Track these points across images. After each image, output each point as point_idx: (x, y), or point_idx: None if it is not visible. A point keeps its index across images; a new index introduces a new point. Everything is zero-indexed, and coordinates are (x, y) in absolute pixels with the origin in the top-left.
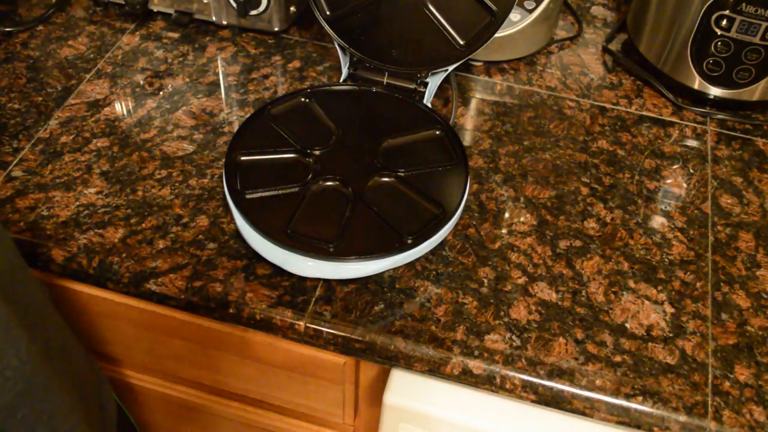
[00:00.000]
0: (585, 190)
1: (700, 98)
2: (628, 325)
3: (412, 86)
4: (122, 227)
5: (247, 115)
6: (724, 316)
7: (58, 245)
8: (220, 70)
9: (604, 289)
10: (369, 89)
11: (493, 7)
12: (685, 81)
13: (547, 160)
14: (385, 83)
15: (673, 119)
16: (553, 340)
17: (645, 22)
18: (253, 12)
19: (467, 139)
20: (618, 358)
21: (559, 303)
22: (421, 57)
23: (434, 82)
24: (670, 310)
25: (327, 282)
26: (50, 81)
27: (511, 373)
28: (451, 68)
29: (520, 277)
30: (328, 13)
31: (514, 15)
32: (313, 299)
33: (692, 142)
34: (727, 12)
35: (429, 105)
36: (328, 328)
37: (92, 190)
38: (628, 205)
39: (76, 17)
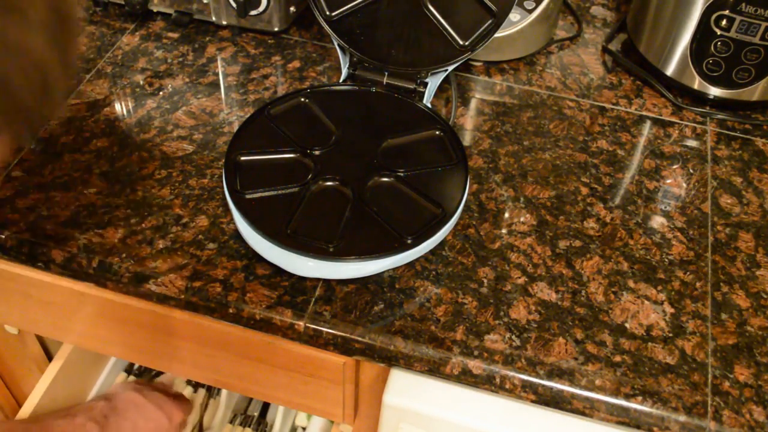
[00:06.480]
0: (585, 190)
1: (699, 98)
2: (627, 325)
3: (412, 86)
4: (122, 227)
5: (247, 115)
6: (723, 316)
7: (58, 245)
8: (219, 70)
9: (604, 289)
10: (369, 89)
11: (493, 8)
12: (684, 81)
13: (547, 160)
14: (384, 83)
15: (673, 119)
16: (553, 340)
17: (645, 22)
18: (253, 12)
19: (467, 139)
20: (618, 358)
21: (559, 303)
22: (421, 57)
23: (434, 82)
24: (669, 310)
25: (327, 282)
26: None
27: (511, 373)
28: (450, 68)
29: (519, 277)
30: (327, 13)
31: (514, 15)
32: (313, 299)
33: (692, 142)
34: (726, 12)
35: (429, 105)
36: (327, 328)
37: (92, 190)
38: (628, 205)
39: None
